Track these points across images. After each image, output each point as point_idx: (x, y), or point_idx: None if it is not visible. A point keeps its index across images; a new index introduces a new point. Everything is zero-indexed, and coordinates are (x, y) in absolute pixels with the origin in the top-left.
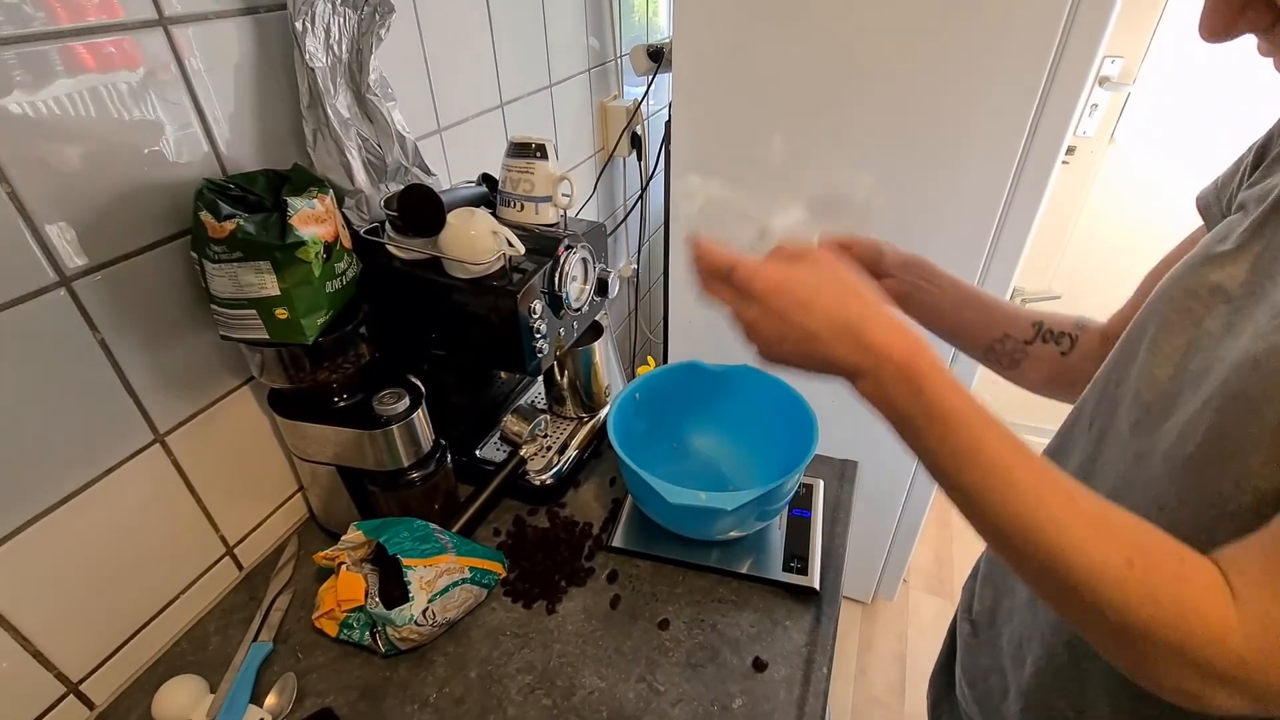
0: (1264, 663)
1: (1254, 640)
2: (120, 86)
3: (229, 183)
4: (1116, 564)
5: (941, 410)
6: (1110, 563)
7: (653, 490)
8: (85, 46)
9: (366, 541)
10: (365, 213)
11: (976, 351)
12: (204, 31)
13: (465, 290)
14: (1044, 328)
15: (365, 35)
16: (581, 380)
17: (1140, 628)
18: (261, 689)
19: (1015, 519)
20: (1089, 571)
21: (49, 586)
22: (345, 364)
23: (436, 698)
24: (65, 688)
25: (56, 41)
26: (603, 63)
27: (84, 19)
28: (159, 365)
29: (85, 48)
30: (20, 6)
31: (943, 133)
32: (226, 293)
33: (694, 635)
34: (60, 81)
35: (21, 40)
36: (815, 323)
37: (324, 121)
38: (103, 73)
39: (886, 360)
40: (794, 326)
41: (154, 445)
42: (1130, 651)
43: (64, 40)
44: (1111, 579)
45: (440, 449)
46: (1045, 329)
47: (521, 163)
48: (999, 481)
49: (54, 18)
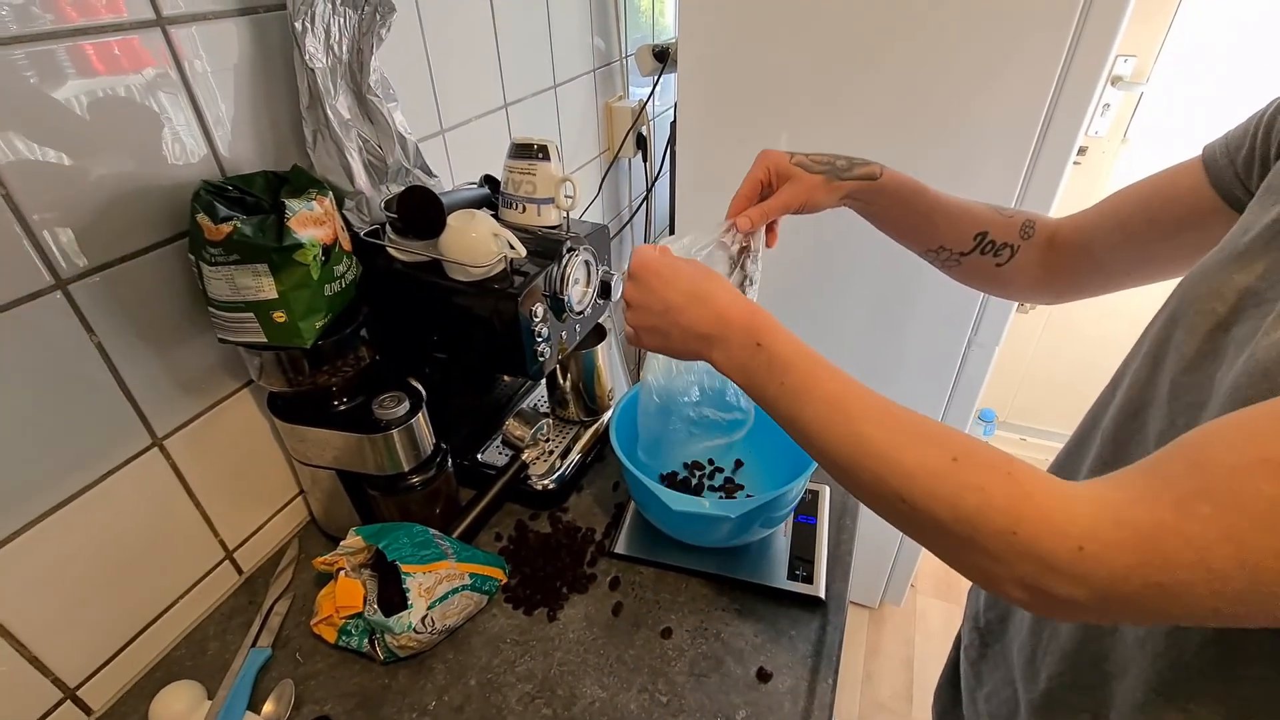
0: (1104, 555)
1: (1098, 533)
2: (117, 87)
3: (227, 184)
4: (943, 459)
5: (780, 358)
6: (935, 458)
7: (656, 496)
8: (81, 47)
9: (366, 547)
10: (366, 214)
11: (916, 252)
12: (202, 32)
13: (466, 293)
14: (985, 239)
15: (366, 35)
16: (584, 384)
17: (972, 518)
18: (259, 695)
19: (850, 439)
20: (917, 468)
21: (45, 592)
22: (345, 367)
23: (436, 706)
24: (62, 693)
25: (52, 42)
26: (608, 63)
27: (80, 19)
28: (157, 368)
29: (81, 48)
30: (13, 4)
31: (952, 132)
32: (224, 295)
33: (697, 644)
34: (55, 82)
35: (16, 41)
36: (674, 294)
37: (324, 122)
38: (99, 73)
39: (731, 322)
40: (657, 297)
41: (152, 449)
42: (968, 547)
43: (60, 40)
44: (938, 472)
45: (441, 453)
46: (986, 240)
47: (524, 164)
48: (832, 409)
49: (49, 18)
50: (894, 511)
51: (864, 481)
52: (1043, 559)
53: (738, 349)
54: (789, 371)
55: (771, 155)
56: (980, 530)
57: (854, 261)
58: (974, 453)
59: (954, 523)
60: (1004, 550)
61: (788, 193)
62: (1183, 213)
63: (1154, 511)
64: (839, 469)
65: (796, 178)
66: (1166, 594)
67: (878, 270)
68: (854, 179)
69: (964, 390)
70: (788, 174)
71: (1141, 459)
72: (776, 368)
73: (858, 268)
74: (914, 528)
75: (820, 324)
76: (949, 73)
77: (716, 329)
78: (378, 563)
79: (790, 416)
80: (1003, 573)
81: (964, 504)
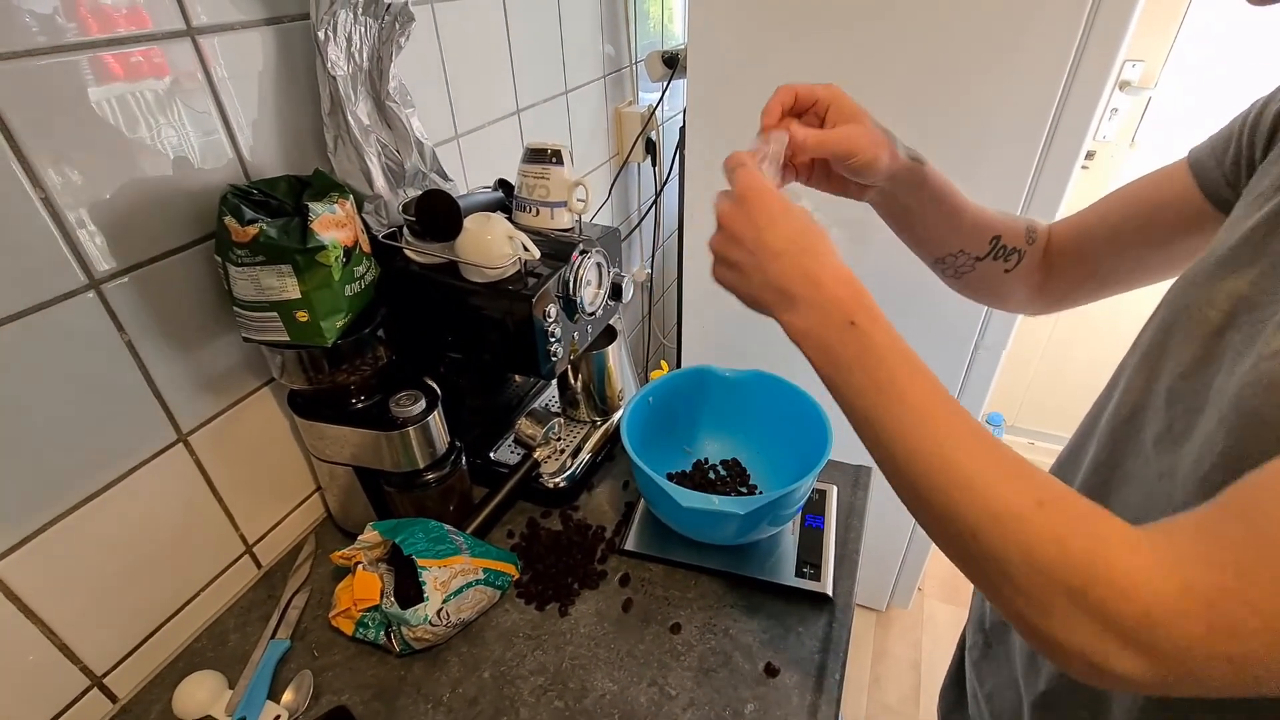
0: (1171, 623)
1: (1166, 599)
2: (149, 95)
3: (252, 188)
4: (1027, 503)
5: (875, 346)
6: (1020, 501)
7: (666, 494)
8: (115, 56)
9: (382, 541)
10: (384, 218)
11: (927, 260)
12: (229, 41)
13: (481, 294)
14: (999, 242)
15: (386, 44)
16: (595, 384)
17: (1044, 570)
18: (279, 686)
19: (934, 459)
20: (999, 506)
21: (75, 582)
22: (363, 366)
23: (450, 697)
24: (90, 681)
25: (87, 51)
26: (618, 69)
27: (114, 30)
28: (182, 366)
29: (115, 58)
30: (53, 18)
31: (959, 136)
32: (248, 295)
33: (706, 640)
34: (90, 90)
35: (56, 50)
36: (776, 236)
37: (345, 128)
38: (132, 81)
39: (827, 288)
40: (756, 232)
41: (177, 445)
42: (1033, 603)
43: (94, 50)
44: (1021, 516)
45: (456, 451)
46: (1000, 244)
47: (537, 168)
48: (920, 421)
49: (86, 29)
50: (957, 544)
51: (933, 504)
52: (1106, 626)
53: (825, 321)
54: (881, 364)
55: (831, 87)
56: (1050, 586)
57: (858, 264)
58: (1062, 496)
59: (1025, 572)
60: (1069, 612)
61: (853, 132)
62: (1173, 219)
63: (1219, 578)
64: (908, 484)
65: (862, 121)
66: (1235, 666)
67: (883, 273)
68: (909, 155)
69: (971, 394)
70: (851, 114)
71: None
72: (870, 357)
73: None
74: (972, 564)
75: None
76: (956, 76)
77: (807, 290)
78: (394, 558)
79: (869, 416)
80: (1063, 636)
81: (1040, 556)
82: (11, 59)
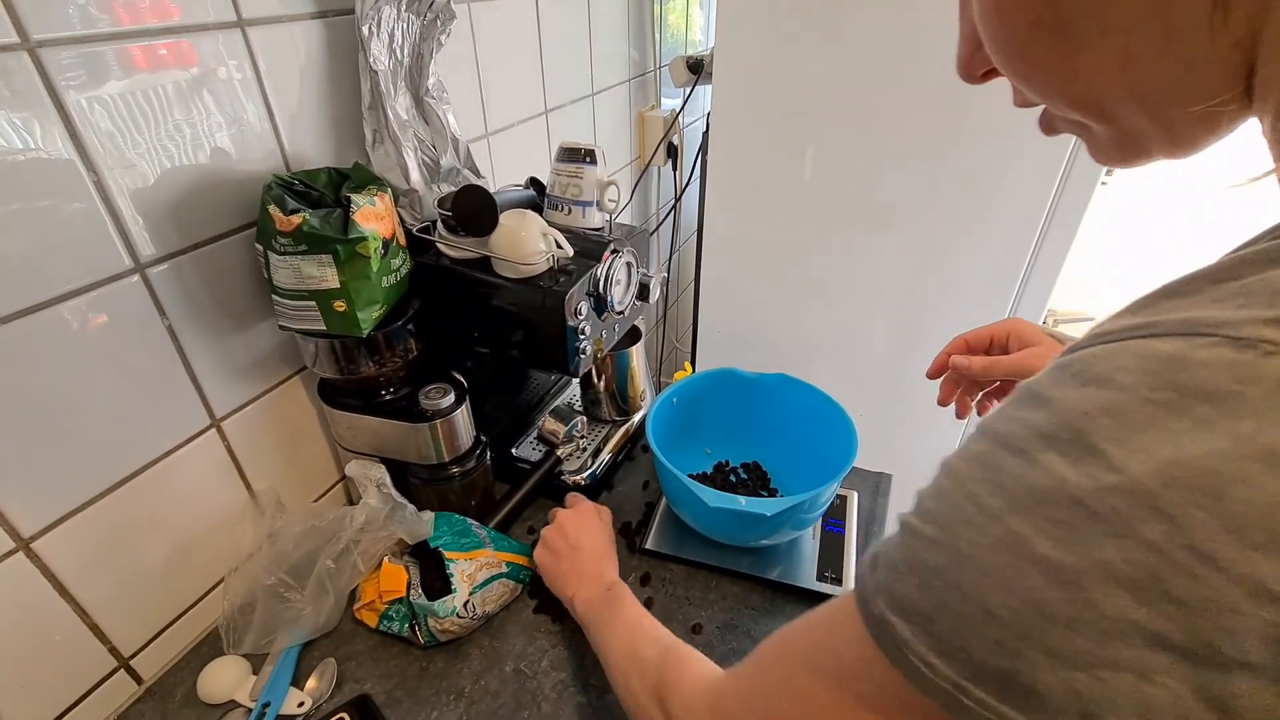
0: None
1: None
2: (197, 84)
3: (294, 179)
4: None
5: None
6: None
7: (691, 493)
8: (167, 45)
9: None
10: (418, 212)
11: None
12: (276, 33)
13: (513, 290)
14: None
15: (426, 40)
16: (618, 384)
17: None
18: (302, 673)
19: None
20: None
21: (108, 562)
22: (395, 358)
23: (472, 690)
24: (117, 662)
25: (142, 39)
26: (642, 73)
27: (169, 19)
28: (218, 353)
29: (168, 46)
30: (111, 5)
31: (983, 148)
32: (288, 284)
33: (727, 641)
34: (143, 77)
35: (111, 38)
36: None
37: (384, 123)
38: (182, 70)
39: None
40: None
41: (210, 430)
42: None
43: (149, 39)
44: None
45: (481, 445)
46: None
47: (571, 167)
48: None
49: (140, 16)
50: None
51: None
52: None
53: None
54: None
55: (1020, 322)
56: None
57: (878, 276)
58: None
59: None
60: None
61: (1029, 354)
62: None
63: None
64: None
65: (1043, 344)
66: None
67: (900, 282)
68: None
69: None
70: (1033, 339)
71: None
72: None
73: (881, 282)
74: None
75: (843, 335)
76: (981, 88)
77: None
78: (417, 551)
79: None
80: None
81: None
82: (71, 44)
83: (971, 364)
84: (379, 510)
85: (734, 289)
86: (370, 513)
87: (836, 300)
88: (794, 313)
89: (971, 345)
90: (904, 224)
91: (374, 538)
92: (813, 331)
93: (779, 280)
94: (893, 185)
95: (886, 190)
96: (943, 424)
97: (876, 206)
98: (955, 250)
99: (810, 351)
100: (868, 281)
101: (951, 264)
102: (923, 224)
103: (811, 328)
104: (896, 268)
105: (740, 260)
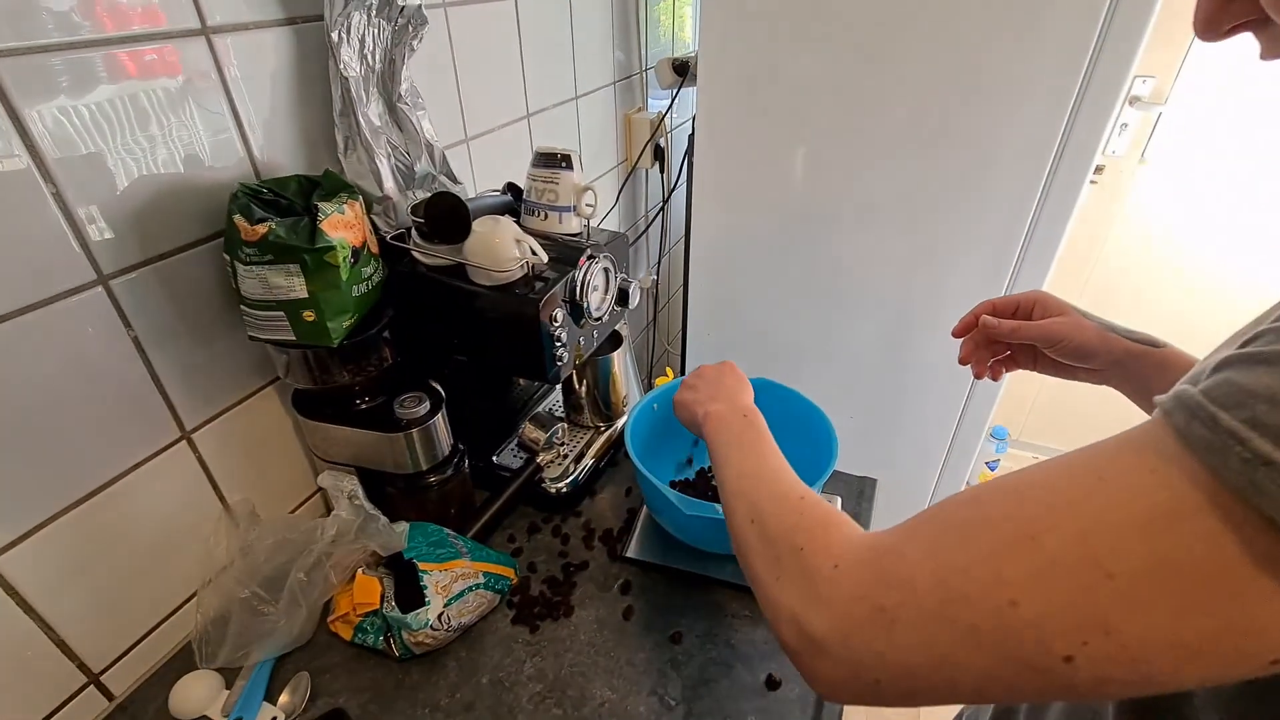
0: (851, 571)
1: (837, 610)
2: (162, 93)
3: (263, 187)
4: (741, 521)
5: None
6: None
7: (669, 501)
8: (130, 54)
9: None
10: (392, 219)
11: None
12: (244, 41)
13: (488, 297)
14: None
15: (398, 46)
16: (600, 389)
17: (757, 579)
18: (275, 687)
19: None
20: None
21: (75, 578)
22: (368, 367)
23: (448, 703)
24: (86, 678)
25: (102, 49)
26: (628, 76)
27: (130, 27)
28: (188, 364)
29: (130, 55)
30: (69, 14)
31: (969, 148)
32: (256, 294)
33: (707, 650)
34: (104, 87)
35: (69, 47)
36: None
37: (356, 129)
38: (145, 79)
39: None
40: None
41: (180, 442)
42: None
43: (109, 47)
44: (739, 531)
45: (459, 454)
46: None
47: (547, 172)
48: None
49: (101, 26)
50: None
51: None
52: (803, 637)
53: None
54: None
55: (1045, 293)
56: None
57: (866, 278)
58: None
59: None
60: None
61: (1054, 323)
62: None
63: (893, 539)
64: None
65: (1066, 313)
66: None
67: (890, 287)
68: (1135, 339)
69: (976, 408)
70: (1058, 309)
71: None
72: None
73: (869, 284)
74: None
75: (833, 339)
76: (966, 89)
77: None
78: (392, 561)
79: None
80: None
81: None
82: (28, 54)
83: (1000, 325)
84: (350, 522)
85: (723, 292)
86: (341, 525)
87: (824, 302)
88: (783, 315)
89: (999, 309)
90: (891, 225)
91: (346, 550)
92: (802, 334)
93: (767, 282)
94: (879, 187)
95: (873, 192)
96: (930, 427)
97: (863, 208)
98: (943, 252)
99: (800, 354)
100: (856, 284)
101: (939, 266)
102: (909, 225)
103: (800, 330)
104: (884, 270)
105: (729, 262)
